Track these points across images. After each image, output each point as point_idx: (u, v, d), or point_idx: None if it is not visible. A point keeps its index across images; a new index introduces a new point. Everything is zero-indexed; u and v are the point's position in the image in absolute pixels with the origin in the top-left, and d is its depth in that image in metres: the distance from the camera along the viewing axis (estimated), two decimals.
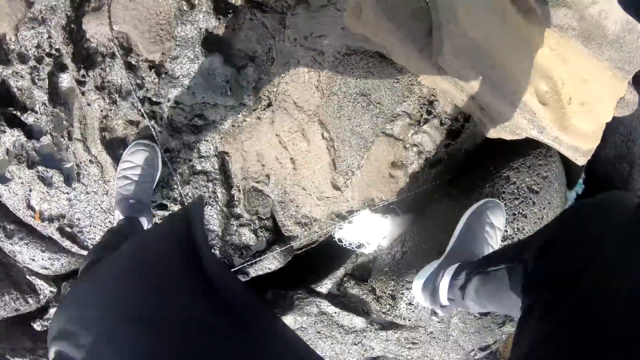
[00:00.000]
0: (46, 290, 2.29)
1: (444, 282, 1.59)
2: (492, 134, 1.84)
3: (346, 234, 2.10)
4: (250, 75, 1.80)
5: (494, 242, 1.73)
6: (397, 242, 2.06)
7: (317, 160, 1.91)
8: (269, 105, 1.90)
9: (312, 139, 1.88)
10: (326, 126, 1.86)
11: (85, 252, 2.11)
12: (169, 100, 1.74)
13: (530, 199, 1.80)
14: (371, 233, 2.09)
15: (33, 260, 1.97)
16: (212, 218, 2.09)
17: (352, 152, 1.88)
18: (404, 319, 1.93)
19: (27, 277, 2.17)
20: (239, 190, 2.10)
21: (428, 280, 1.69)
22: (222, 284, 0.77)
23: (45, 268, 2.18)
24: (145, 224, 1.80)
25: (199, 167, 2.02)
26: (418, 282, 1.74)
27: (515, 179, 1.84)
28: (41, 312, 2.35)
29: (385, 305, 1.96)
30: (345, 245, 2.11)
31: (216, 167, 2.04)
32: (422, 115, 1.89)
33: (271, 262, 2.19)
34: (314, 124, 1.85)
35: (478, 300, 1.37)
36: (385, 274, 1.99)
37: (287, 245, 2.18)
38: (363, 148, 1.88)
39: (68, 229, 2.09)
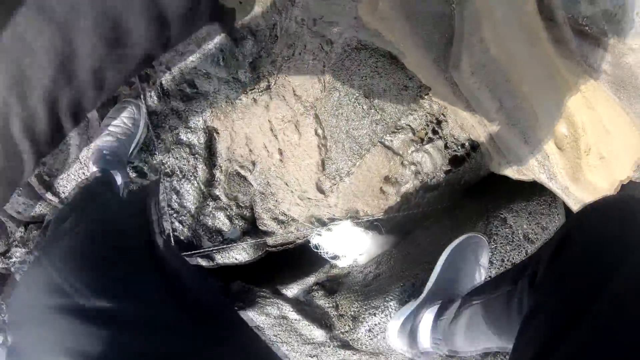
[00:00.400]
0: (17, 233, 2.22)
1: (425, 324, 1.42)
2: (498, 169, 1.65)
3: (323, 242, 1.94)
4: (247, 49, 1.64)
5: (478, 281, 1.55)
6: (373, 262, 1.89)
7: (305, 156, 1.74)
8: (268, 88, 1.74)
9: (304, 132, 1.72)
10: (321, 122, 1.70)
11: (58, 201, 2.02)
12: (160, 64, 1.60)
13: (524, 248, 1.61)
14: (349, 246, 1.92)
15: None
16: (188, 193, 1.95)
17: (344, 155, 1.71)
18: (361, 344, 1.76)
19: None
20: (221, 171, 1.96)
21: (406, 321, 1.51)
22: (181, 279, 0.82)
23: (19, 212, 2.12)
24: (119, 179, 1.70)
25: (183, 138, 1.88)
26: (394, 324, 1.56)
27: (512, 223, 1.65)
28: (4, 254, 2.29)
29: (345, 325, 1.80)
30: (320, 253, 1.95)
31: (202, 141, 1.90)
32: (427, 133, 1.72)
33: (239, 253, 2.04)
34: (309, 117, 1.69)
35: (470, 335, 1.20)
36: (353, 292, 1.82)
37: (261, 239, 2.03)
38: (356, 154, 1.71)
39: (47, 178, 2.00)
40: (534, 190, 1.75)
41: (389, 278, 1.77)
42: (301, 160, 1.78)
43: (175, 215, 1.98)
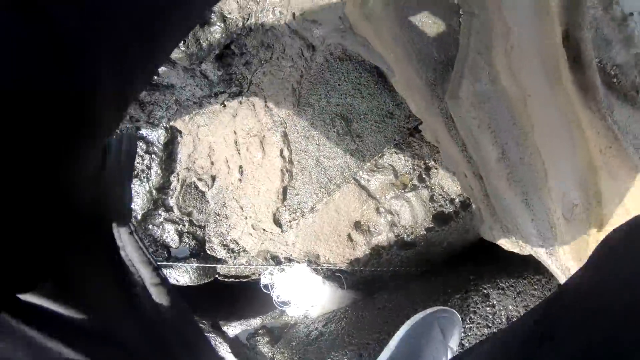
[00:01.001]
0: None
1: None
2: (490, 236, 1.33)
3: (275, 283, 1.62)
4: (214, 38, 1.38)
5: None
6: (323, 317, 1.56)
7: (266, 179, 1.45)
8: (239, 94, 1.47)
9: (268, 151, 1.43)
10: (290, 143, 1.41)
11: None
12: None
13: None
14: (303, 295, 1.60)
15: None
16: (137, 195, 1.68)
17: (310, 187, 1.41)
18: None
19: None
20: (178, 180, 1.68)
21: None
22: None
23: None
24: None
25: (143, 132, 1.63)
26: None
27: (495, 301, 1.32)
28: None
29: None
30: (271, 294, 1.63)
31: (161, 141, 1.63)
32: (411, 179, 1.40)
33: (182, 275, 1.76)
34: (276, 134, 1.41)
35: None
36: (289, 348, 1.51)
37: (211, 265, 1.73)
38: (324, 188, 1.41)
39: None
40: (528, 266, 1.41)
41: (333, 341, 1.44)
42: (261, 183, 1.49)
43: None
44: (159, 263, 1.79)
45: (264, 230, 1.57)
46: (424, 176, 1.42)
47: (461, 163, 1.28)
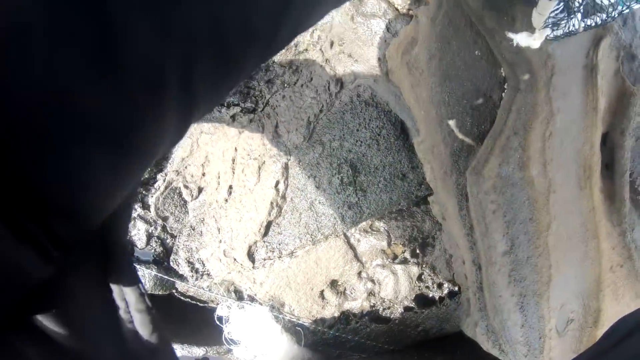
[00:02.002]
0: None
1: None
2: (471, 331, 1.19)
3: (230, 318, 1.46)
4: None
5: None
6: None
7: (252, 208, 1.31)
8: (253, 111, 1.35)
9: (264, 179, 1.30)
10: (288, 177, 1.27)
11: None
12: None
13: None
14: (256, 338, 1.43)
15: None
16: None
17: (296, 230, 1.27)
18: None
19: None
20: (164, 180, 1.54)
21: None
22: None
23: None
24: None
25: None
26: None
27: None
28: None
29: None
30: (222, 328, 1.47)
31: None
32: (404, 251, 1.26)
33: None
34: (277, 164, 1.27)
35: None
36: None
37: (171, 278, 1.57)
38: (310, 235, 1.26)
39: None
40: None
41: None
42: (246, 210, 1.34)
43: None
44: None
45: (234, 259, 1.41)
46: (418, 252, 1.28)
47: (463, 248, 1.15)
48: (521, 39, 0.79)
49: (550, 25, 0.76)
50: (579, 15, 0.73)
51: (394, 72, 1.10)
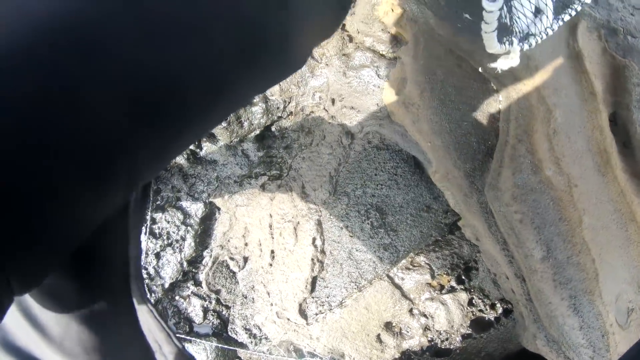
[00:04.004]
0: None
1: None
2: (532, 345, 1.14)
3: None
4: (255, 117, 1.32)
5: None
6: None
7: (295, 267, 1.33)
8: (279, 177, 1.39)
9: (301, 238, 1.32)
10: (323, 232, 1.29)
11: None
12: None
13: None
14: None
15: None
16: (168, 264, 1.61)
17: (340, 280, 1.28)
18: None
19: None
20: (210, 256, 1.59)
21: None
22: None
23: None
24: None
25: (183, 203, 1.56)
26: None
27: None
28: None
29: None
30: None
31: (199, 214, 1.57)
32: (449, 280, 1.24)
33: (199, 352, 1.62)
34: (310, 222, 1.30)
35: None
36: None
37: (232, 347, 1.59)
38: (355, 283, 1.27)
39: None
40: None
41: None
42: (290, 270, 1.36)
43: (147, 279, 1.62)
44: (179, 335, 1.67)
45: (288, 319, 1.42)
46: (463, 277, 1.25)
47: (502, 264, 1.12)
48: (501, 64, 0.80)
49: (519, 40, 0.77)
50: (549, 16, 0.73)
51: (394, 113, 1.12)
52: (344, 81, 1.19)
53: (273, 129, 1.36)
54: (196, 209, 1.59)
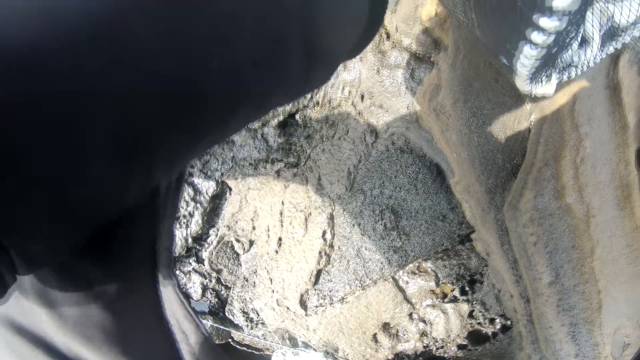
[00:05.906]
0: None
1: None
2: None
3: None
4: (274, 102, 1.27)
5: None
6: None
7: (302, 258, 1.30)
8: (296, 165, 1.36)
9: (311, 230, 1.29)
10: (334, 227, 1.26)
11: None
12: None
13: None
14: None
15: None
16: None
17: (345, 276, 1.25)
18: None
19: None
20: (216, 235, 1.56)
21: None
22: None
23: None
24: None
25: (195, 179, 1.53)
26: None
27: None
28: None
29: None
30: None
31: (210, 192, 1.53)
32: (453, 289, 1.21)
33: None
34: (322, 215, 1.27)
35: None
36: None
37: (227, 328, 1.56)
38: (359, 281, 1.24)
39: None
40: None
41: None
42: (296, 260, 1.33)
43: None
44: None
45: (287, 308, 1.39)
46: (467, 289, 1.23)
47: (508, 282, 1.09)
48: (537, 90, 0.77)
49: (559, 72, 0.73)
50: (594, 48, 0.69)
51: (423, 119, 1.09)
52: (377, 79, 1.15)
53: (297, 117, 1.32)
54: (207, 187, 1.55)
